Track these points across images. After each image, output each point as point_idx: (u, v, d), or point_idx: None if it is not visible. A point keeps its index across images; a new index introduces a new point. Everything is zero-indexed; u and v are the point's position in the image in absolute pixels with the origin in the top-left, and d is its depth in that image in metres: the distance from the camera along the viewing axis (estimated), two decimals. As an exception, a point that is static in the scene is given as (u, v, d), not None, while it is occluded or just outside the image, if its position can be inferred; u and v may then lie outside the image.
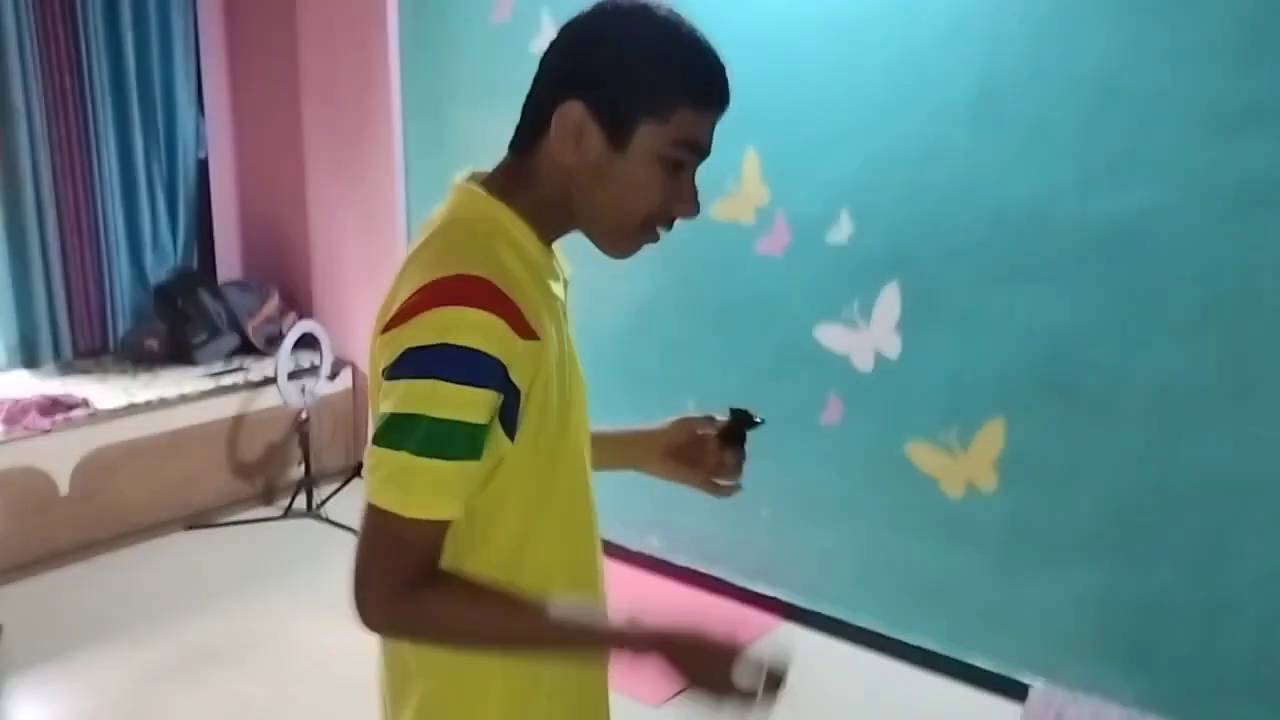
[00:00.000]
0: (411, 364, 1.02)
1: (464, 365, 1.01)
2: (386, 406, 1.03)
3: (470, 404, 1.01)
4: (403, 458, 1.02)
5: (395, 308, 1.07)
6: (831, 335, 3.23)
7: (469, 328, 1.01)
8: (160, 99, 4.71)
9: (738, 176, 3.32)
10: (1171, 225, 2.60)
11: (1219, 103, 2.50)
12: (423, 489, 1.02)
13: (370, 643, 1.22)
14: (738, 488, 1.27)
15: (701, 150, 1.14)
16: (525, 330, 1.04)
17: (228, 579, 3.81)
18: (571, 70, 1.11)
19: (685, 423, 1.32)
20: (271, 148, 4.91)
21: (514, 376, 1.04)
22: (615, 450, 1.40)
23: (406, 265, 1.14)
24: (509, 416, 1.06)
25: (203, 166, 5.00)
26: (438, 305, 1.02)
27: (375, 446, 1.04)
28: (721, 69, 1.13)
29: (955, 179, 2.92)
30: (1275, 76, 2.42)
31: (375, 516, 1.04)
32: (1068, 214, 2.75)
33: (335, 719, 2.95)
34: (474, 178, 1.19)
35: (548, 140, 1.12)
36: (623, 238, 1.16)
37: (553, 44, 1.14)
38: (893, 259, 3.08)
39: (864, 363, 3.18)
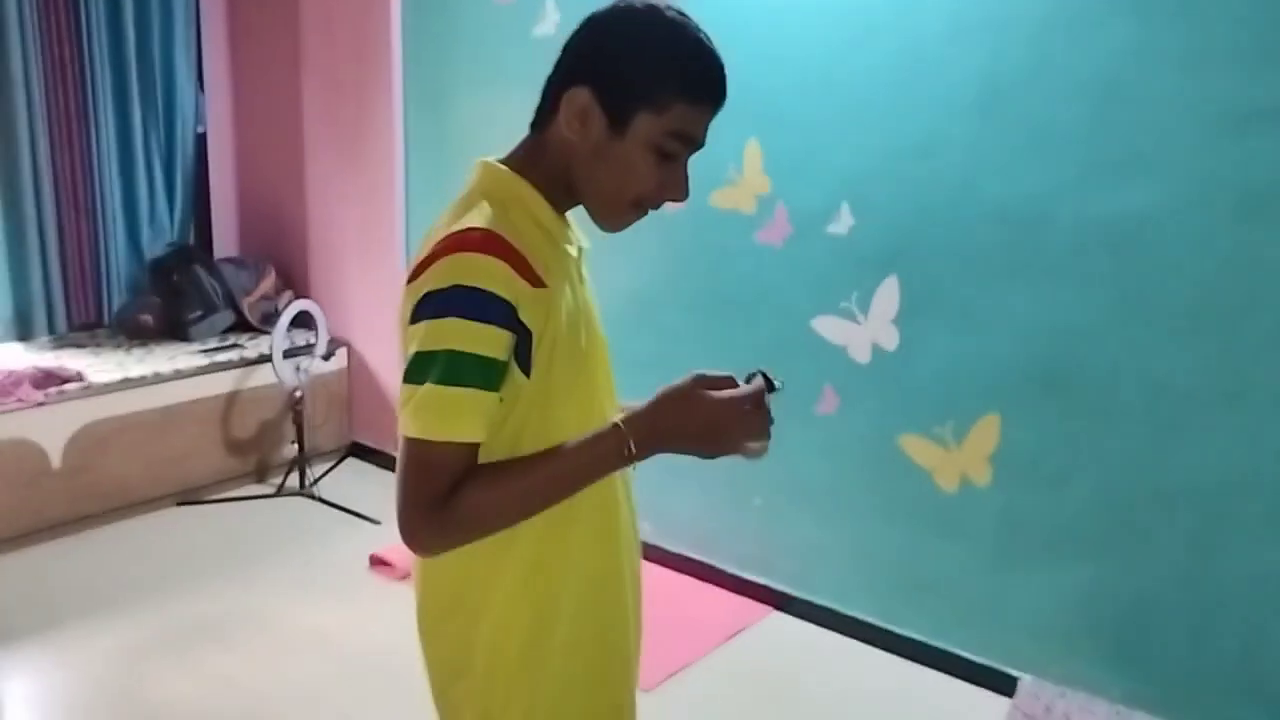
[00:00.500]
0: (429, 306, 1.15)
1: (474, 303, 1.14)
2: (412, 347, 1.17)
3: (482, 339, 1.14)
4: (425, 389, 1.15)
5: (415, 264, 1.20)
6: (829, 326, 3.22)
7: (477, 271, 1.14)
8: (160, 73, 4.70)
9: (739, 166, 3.31)
10: (1171, 226, 2.60)
11: (1223, 105, 2.50)
12: (444, 414, 1.15)
13: (362, 622, 1.23)
14: (764, 450, 1.30)
15: (694, 142, 1.25)
16: (533, 278, 1.18)
17: (219, 556, 3.81)
18: (584, 58, 1.24)
19: (703, 380, 1.32)
20: (271, 124, 4.89)
21: (523, 317, 1.17)
22: None
23: (431, 233, 1.25)
24: (523, 355, 1.19)
25: (201, 141, 4.99)
26: (449, 254, 1.16)
27: (404, 384, 1.17)
28: (719, 69, 1.24)
29: (957, 174, 2.92)
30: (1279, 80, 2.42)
31: (407, 446, 1.17)
32: (1068, 212, 2.75)
33: (325, 697, 2.96)
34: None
35: (557, 122, 1.24)
36: (614, 213, 1.28)
37: (575, 33, 1.26)
38: (892, 252, 3.07)
39: (861, 355, 3.18)
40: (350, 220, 4.58)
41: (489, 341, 1.15)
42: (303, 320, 4.41)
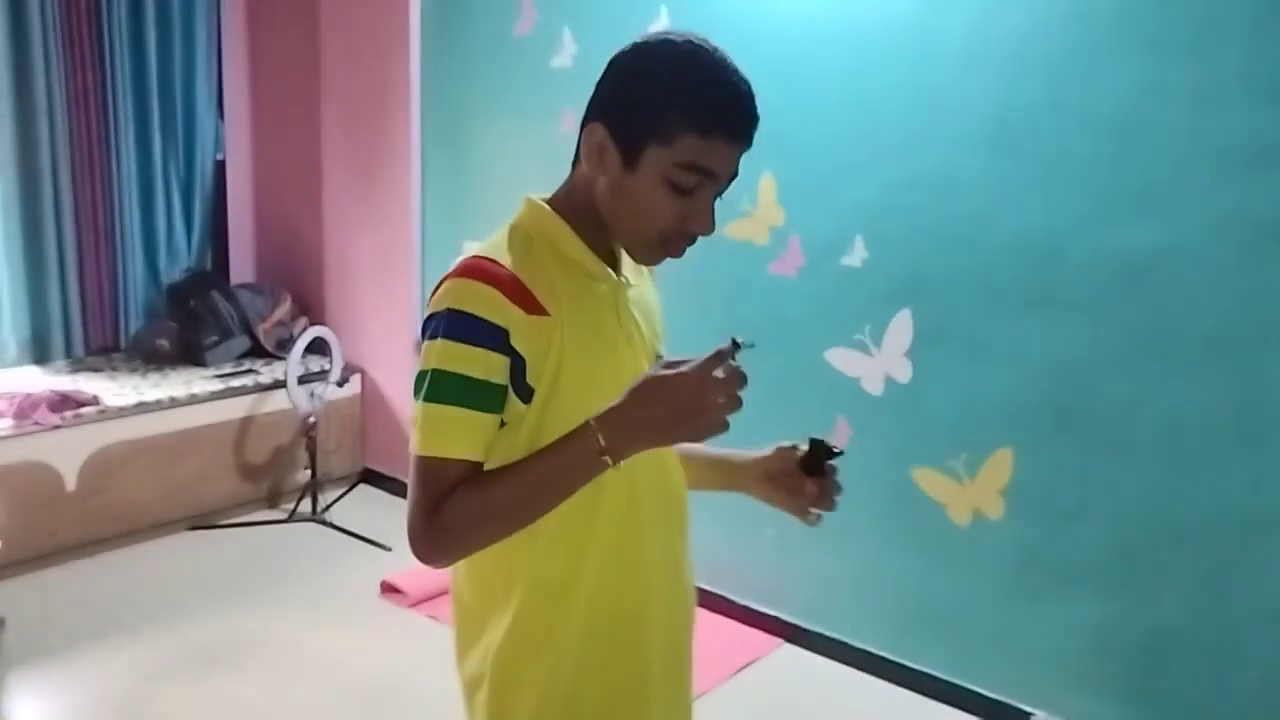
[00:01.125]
0: (428, 328, 1.22)
1: (463, 327, 1.18)
2: (417, 367, 1.23)
3: (471, 360, 1.18)
4: (421, 406, 1.20)
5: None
6: (842, 358, 3.23)
7: (469, 296, 1.19)
8: (180, 101, 4.75)
9: (753, 198, 3.33)
10: (1186, 261, 2.60)
11: (1237, 142, 2.50)
12: (434, 431, 1.20)
13: (373, 648, 1.23)
14: (819, 517, 1.35)
15: (711, 174, 1.21)
16: (530, 305, 1.20)
17: (231, 581, 3.81)
18: (603, 95, 1.25)
19: (783, 451, 1.40)
20: (289, 153, 4.93)
21: (515, 342, 1.19)
22: (719, 472, 1.48)
23: None
24: (519, 381, 1.21)
25: (220, 169, 5.03)
26: (450, 279, 1.21)
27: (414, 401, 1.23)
28: (736, 99, 1.21)
29: (971, 208, 2.92)
30: (1295, 115, 2.43)
31: (413, 461, 1.22)
32: (1083, 246, 2.75)
33: (333, 725, 2.95)
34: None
35: (581, 156, 1.27)
36: (642, 247, 1.28)
37: (604, 72, 1.27)
38: (906, 285, 3.08)
39: (874, 387, 3.18)
40: (366, 247, 4.61)
41: (477, 363, 1.18)
42: (318, 346, 4.43)
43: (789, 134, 3.23)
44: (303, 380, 4.34)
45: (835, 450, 1.34)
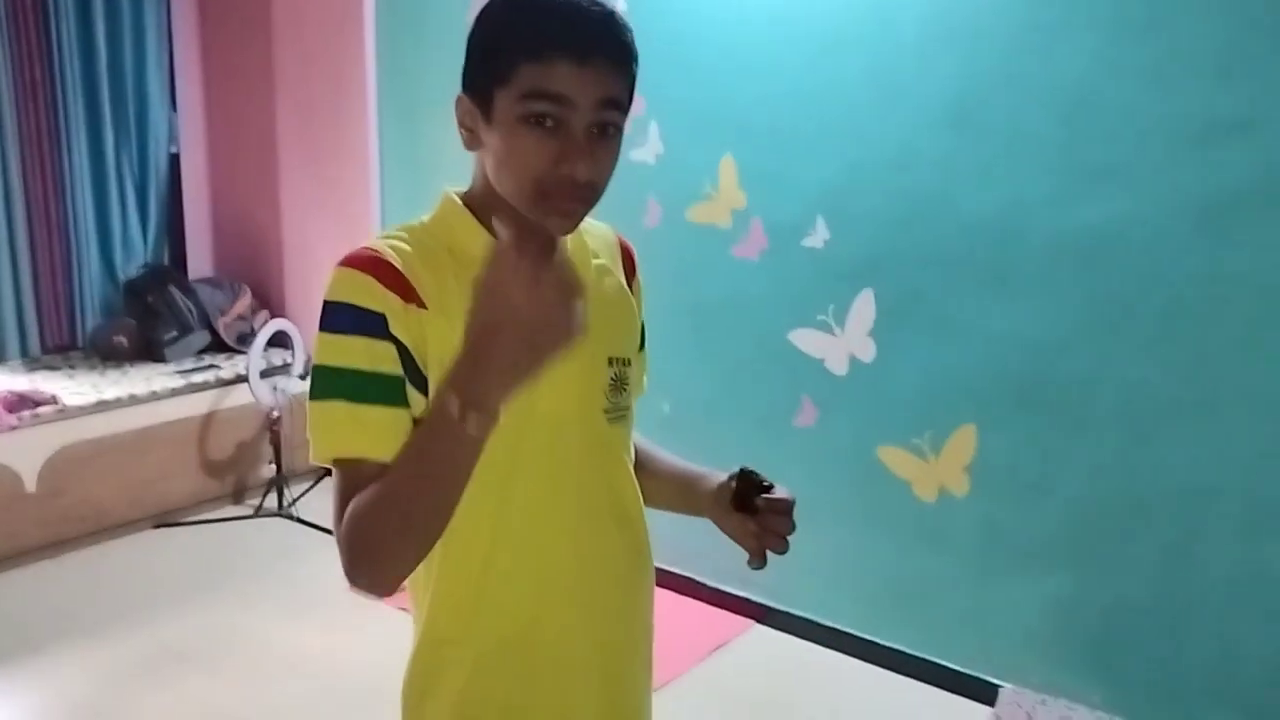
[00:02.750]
0: (317, 322, 1.14)
1: (339, 317, 1.11)
2: None
3: (350, 351, 1.10)
4: (311, 405, 1.12)
5: None
6: (806, 339, 3.24)
7: (343, 284, 1.12)
8: (132, 92, 4.67)
9: (715, 181, 3.33)
10: (1141, 237, 2.63)
11: (1190, 118, 2.53)
12: (324, 430, 1.12)
13: (343, 642, 1.22)
14: (761, 563, 1.32)
15: (560, 98, 1.08)
16: (408, 295, 1.12)
17: (197, 578, 3.78)
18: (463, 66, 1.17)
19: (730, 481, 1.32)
20: (245, 144, 4.87)
21: (394, 329, 1.11)
22: (681, 494, 1.42)
23: None
24: (410, 371, 1.12)
25: (174, 162, 4.96)
26: (332, 271, 1.14)
27: None
28: (570, 14, 1.09)
29: (931, 187, 2.94)
30: (1246, 93, 2.46)
31: (324, 469, 1.14)
32: (1041, 224, 2.78)
33: (306, 718, 2.94)
34: None
35: None
36: (532, 211, 1.13)
37: None
38: (868, 265, 3.10)
39: (838, 367, 3.20)
40: (326, 239, 4.57)
41: (352, 353, 1.10)
42: (279, 340, 4.39)
43: (749, 117, 3.23)
44: (265, 374, 4.30)
45: (764, 484, 1.26)
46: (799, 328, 3.25)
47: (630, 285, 1.36)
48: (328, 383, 1.11)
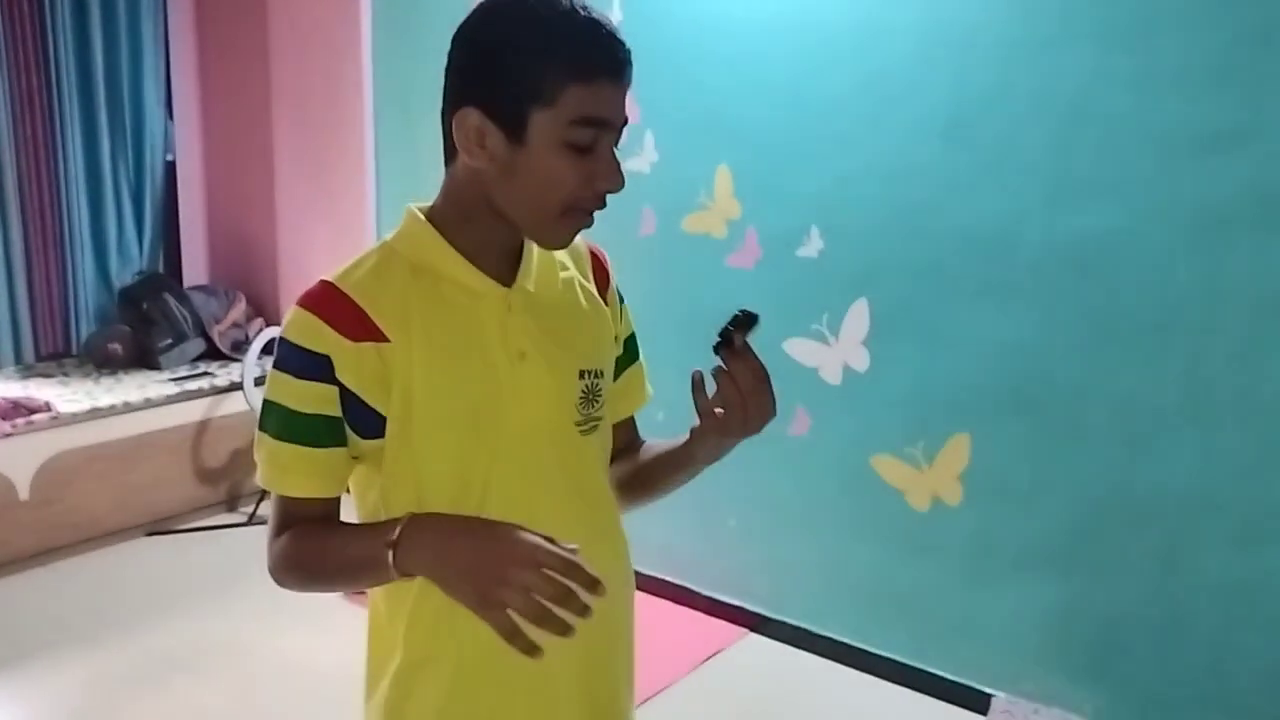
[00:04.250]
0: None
1: (287, 357, 1.15)
2: None
3: (292, 392, 1.14)
4: (258, 434, 1.18)
5: None
6: (800, 349, 3.25)
7: (293, 325, 1.15)
8: (128, 100, 4.67)
9: (710, 191, 3.34)
10: (1134, 246, 2.65)
11: (1183, 128, 2.55)
12: (266, 464, 1.18)
13: (335, 649, 1.23)
14: (767, 407, 1.27)
15: (606, 123, 1.10)
16: (363, 332, 1.13)
17: (190, 586, 3.77)
18: (461, 76, 1.12)
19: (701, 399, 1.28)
20: (241, 152, 4.87)
21: (339, 372, 1.13)
22: (675, 458, 1.36)
23: None
24: (353, 414, 1.15)
25: (170, 169, 4.96)
26: (291, 308, 1.17)
27: None
28: (605, 36, 1.09)
29: (924, 197, 2.96)
30: (1237, 103, 2.48)
31: None
32: (1034, 233, 2.79)
33: (298, 728, 2.93)
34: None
35: (459, 151, 1.14)
36: (547, 227, 1.15)
37: (448, 55, 1.15)
38: (862, 275, 3.11)
39: (832, 376, 3.21)
40: (321, 247, 4.57)
41: (301, 395, 1.13)
42: (274, 348, 4.38)
43: (744, 127, 3.24)
44: (259, 382, 4.28)
45: (752, 315, 1.23)
46: (793, 337, 3.26)
47: (604, 295, 1.34)
48: (270, 418, 1.16)
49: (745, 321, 1.24)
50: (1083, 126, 2.69)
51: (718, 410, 1.27)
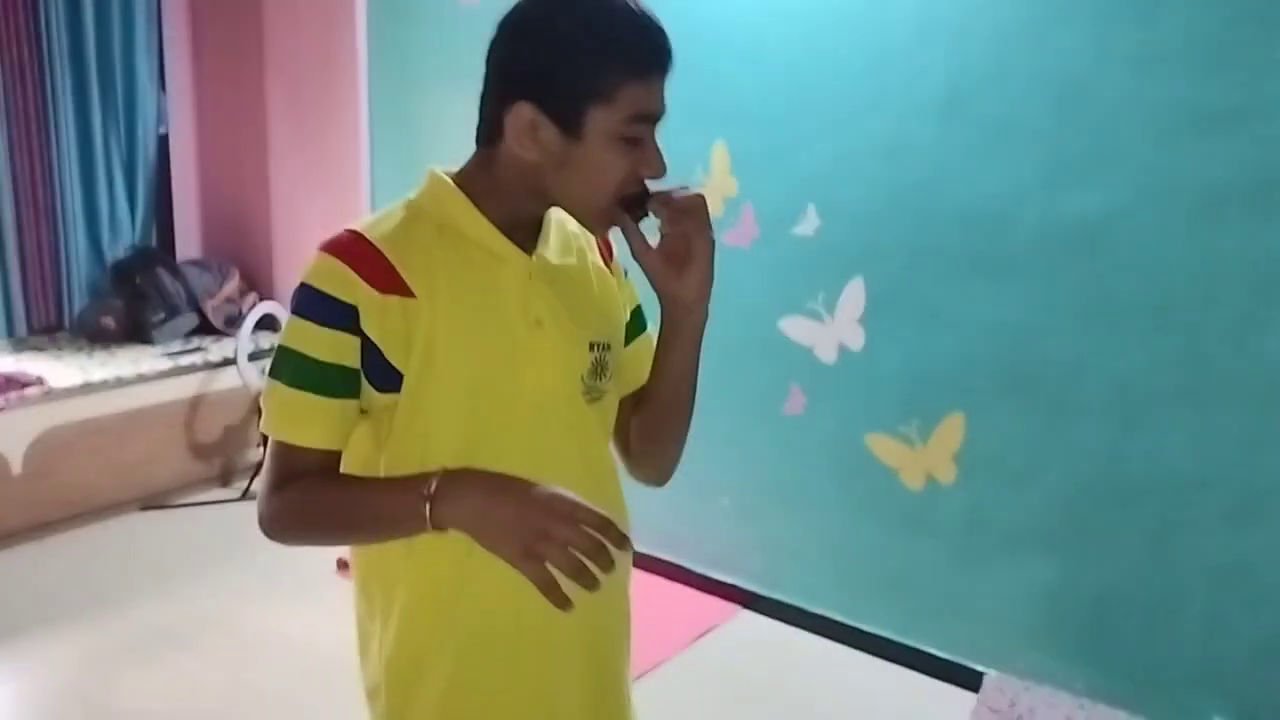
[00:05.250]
0: (291, 302, 1.16)
1: (310, 304, 1.13)
2: None
3: (315, 339, 1.12)
4: (268, 381, 1.16)
5: None
6: (796, 327, 3.24)
7: (319, 272, 1.13)
8: (120, 73, 4.64)
9: (707, 168, 3.33)
10: (1132, 226, 2.64)
11: (1181, 107, 2.54)
12: (275, 411, 1.15)
13: (330, 625, 1.23)
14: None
15: (655, 117, 1.15)
16: (390, 284, 1.13)
17: (184, 561, 3.77)
18: (513, 70, 1.14)
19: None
20: (234, 125, 4.84)
21: (364, 324, 1.12)
22: (666, 350, 1.29)
23: None
24: (371, 366, 1.14)
25: (163, 143, 4.93)
26: (314, 253, 1.15)
27: None
28: (657, 31, 1.12)
29: (921, 176, 2.95)
30: (1236, 83, 2.47)
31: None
32: (1031, 212, 2.78)
33: (290, 701, 2.94)
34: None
35: (506, 140, 1.15)
36: (600, 216, 1.18)
37: (492, 44, 1.16)
38: (858, 253, 3.10)
39: (827, 355, 3.20)
40: (315, 221, 4.55)
41: (317, 342, 1.12)
42: (268, 323, 4.38)
43: (741, 104, 3.22)
44: (253, 357, 4.28)
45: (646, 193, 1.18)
46: (789, 315, 3.25)
47: (609, 268, 1.36)
48: (285, 365, 1.14)
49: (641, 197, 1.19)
50: (1081, 106, 2.67)
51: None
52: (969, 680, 3.00)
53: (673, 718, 2.86)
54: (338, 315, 1.12)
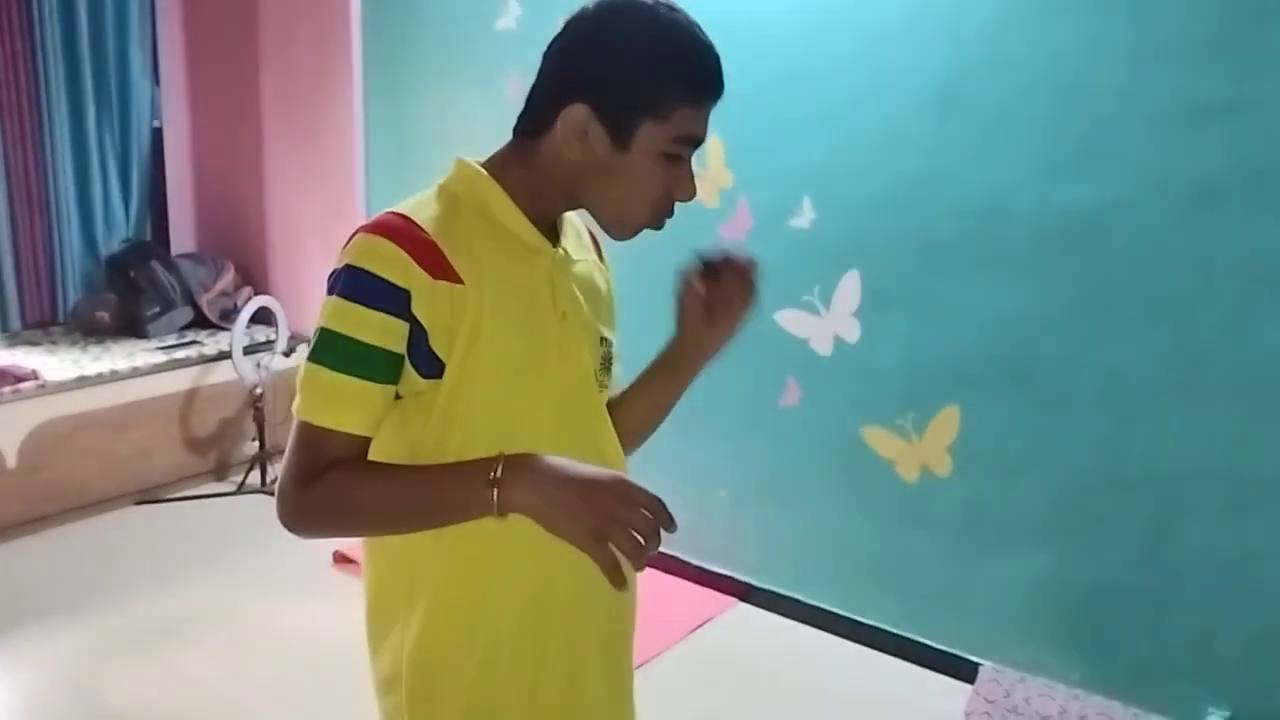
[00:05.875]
0: (330, 283, 1.13)
1: (361, 286, 1.10)
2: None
3: (364, 323, 1.10)
4: (305, 365, 1.13)
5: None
6: (792, 319, 3.25)
7: (371, 254, 1.10)
8: (114, 66, 4.63)
9: (702, 161, 3.33)
10: (1127, 219, 2.64)
11: (1176, 100, 2.54)
12: (316, 396, 1.12)
13: (326, 619, 1.22)
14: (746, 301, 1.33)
15: (699, 141, 1.19)
16: (441, 271, 1.12)
17: (179, 555, 3.77)
18: (576, 72, 1.16)
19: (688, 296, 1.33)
20: (228, 118, 4.83)
21: (416, 308, 1.10)
22: (658, 379, 1.42)
23: None
24: (417, 352, 1.12)
25: (157, 136, 4.92)
26: (358, 234, 1.13)
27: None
28: (716, 61, 1.17)
29: (917, 169, 2.94)
30: (1232, 76, 2.47)
31: (295, 421, 1.15)
32: (1026, 205, 2.78)
33: (286, 695, 2.94)
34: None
35: (553, 135, 1.17)
36: (628, 226, 1.22)
37: (558, 41, 1.18)
38: (854, 246, 3.10)
39: (823, 347, 3.21)
40: (310, 215, 4.54)
41: (369, 326, 1.10)
42: (263, 316, 4.37)
43: (737, 97, 3.17)
44: (248, 351, 4.28)
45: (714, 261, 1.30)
46: (785, 308, 3.25)
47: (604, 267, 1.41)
48: (331, 348, 1.11)
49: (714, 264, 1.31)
50: (1077, 99, 2.67)
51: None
52: (964, 671, 3.01)
53: (670, 709, 2.86)
54: (390, 299, 1.10)
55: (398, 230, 1.12)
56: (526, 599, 1.22)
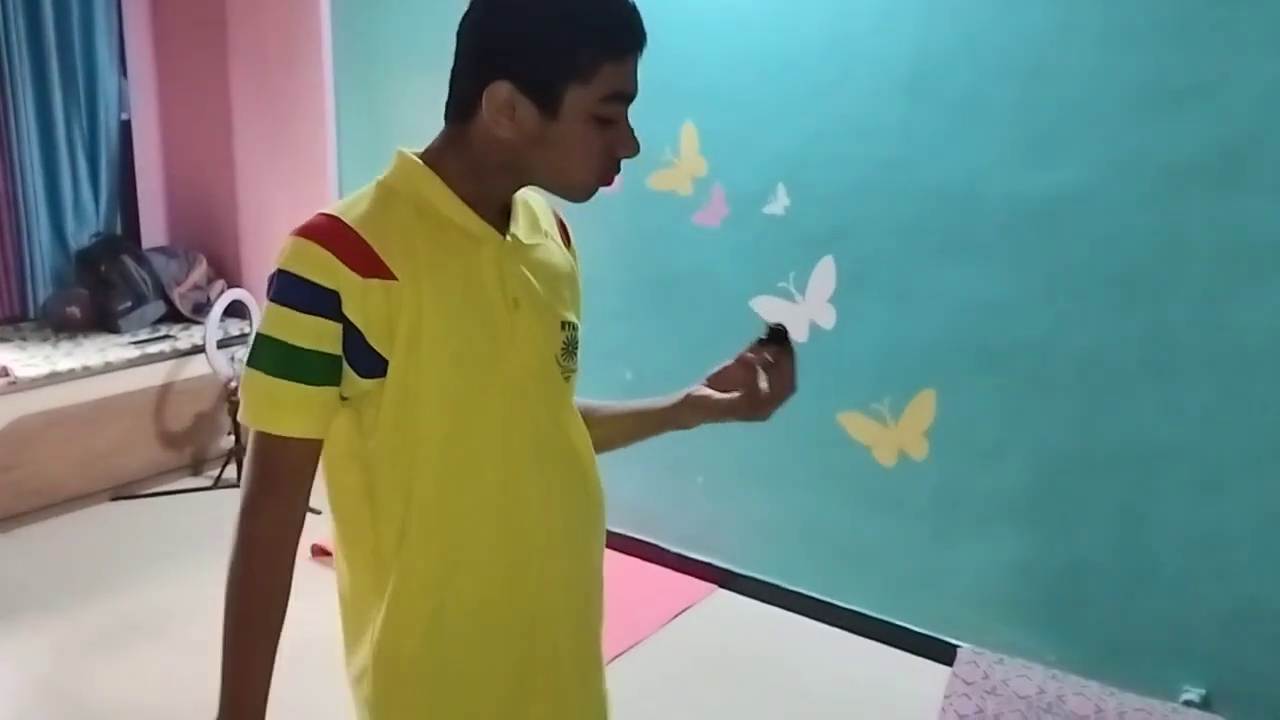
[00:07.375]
0: (267, 287, 1.14)
1: (291, 290, 1.10)
2: None
3: (296, 327, 1.10)
4: (247, 371, 1.13)
5: None
6: (767, 306, 3.25)
7: (299, 257, 1.10)
8: (80, 58, 4.56)
9: (676, 149, 3.32)
10: (1098, 202, 2.66)
11: (1147, 84, 2.55)
12: (257, 401, 1.13)
13: (305, 613, 1.23)
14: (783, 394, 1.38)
15: (630, 97, 1.15)
16: (372, 269, 1.10)
17: (156, 551, 3.74)
18: (490, 47, 1.14)
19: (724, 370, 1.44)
20: (198, 110, 4.78)
21: (347, 309, 1.10)
22: (650, 419, 1.47)
23: None
24: (354, 352, 1.12)
25: (125, 129, 4.87)
26: (289, 237, 1.12)
27: None
28: (632, 12, 1.14)
29: (890, 155, 2.95)
30: (1202, 61, 2.48)
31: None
32: (999, 190, 2.80)
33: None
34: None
35: (481, 117, 1.14)
36: (579, 190, 1.19)
37: (465, 20, 1.16)
38: (828, 232, 3.10)
39: (799, 333, 3.21)
40: (282, 207, 4.51)
41: (303, 330, 1.10)
42: (236, 310, 4.34)
43: (709, 84, 3.21)
44: (222, 344, 4.25)
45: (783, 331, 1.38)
46: (760, 295, 3.25)
47: (570, 250, 1.38)
48: (265, 353, 1.11)
49: (784, 333, 1.39)
50: (1047, 82, 2.69)
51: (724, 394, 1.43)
52: (943, 654, 3.03)
53: (650, 697, 2.87)
54: (319, 301, 1.09)
55: (324, 231, 1.11)
56: (485, 596, 1.22)
